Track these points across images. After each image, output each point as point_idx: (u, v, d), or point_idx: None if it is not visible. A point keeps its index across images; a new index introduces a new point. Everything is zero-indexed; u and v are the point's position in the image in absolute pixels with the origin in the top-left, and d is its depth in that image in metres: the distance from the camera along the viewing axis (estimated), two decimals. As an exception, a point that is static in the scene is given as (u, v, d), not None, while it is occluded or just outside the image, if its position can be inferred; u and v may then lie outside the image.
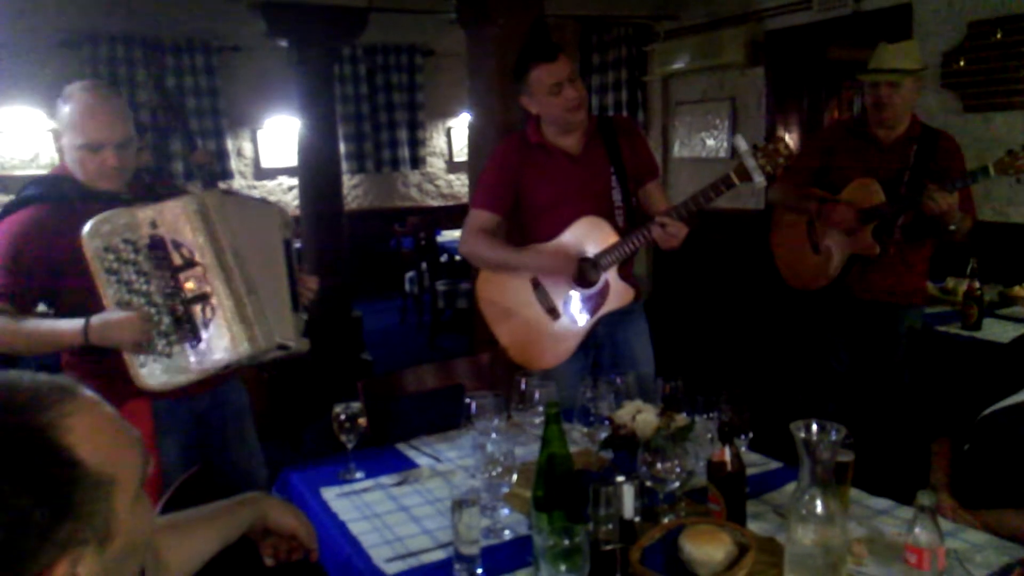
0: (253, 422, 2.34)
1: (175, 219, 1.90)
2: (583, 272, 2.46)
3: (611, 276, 2.45)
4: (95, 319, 1.86)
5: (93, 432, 0.83)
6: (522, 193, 2.51)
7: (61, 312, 2.00)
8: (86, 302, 1.90)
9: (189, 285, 1.90)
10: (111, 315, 1.87)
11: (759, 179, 2.28)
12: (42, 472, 0.78)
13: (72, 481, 0.80)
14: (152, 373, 1.91)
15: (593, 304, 2.46)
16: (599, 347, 2.57)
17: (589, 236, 2.44)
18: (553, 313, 2.48)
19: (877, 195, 2.82)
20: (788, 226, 3.15)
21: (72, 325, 1.88)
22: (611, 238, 2.42)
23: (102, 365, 1.94)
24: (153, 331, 1.89)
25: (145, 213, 1.90)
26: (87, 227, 1.86)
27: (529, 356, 2.52)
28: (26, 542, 0.75)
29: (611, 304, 2.46)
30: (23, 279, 1.93)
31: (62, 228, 1.91)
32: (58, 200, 1.98)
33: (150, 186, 2.14)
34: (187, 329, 1.91)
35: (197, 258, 1.90)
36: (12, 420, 0.79)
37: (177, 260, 1.90)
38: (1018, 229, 4.27)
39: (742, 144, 2.30)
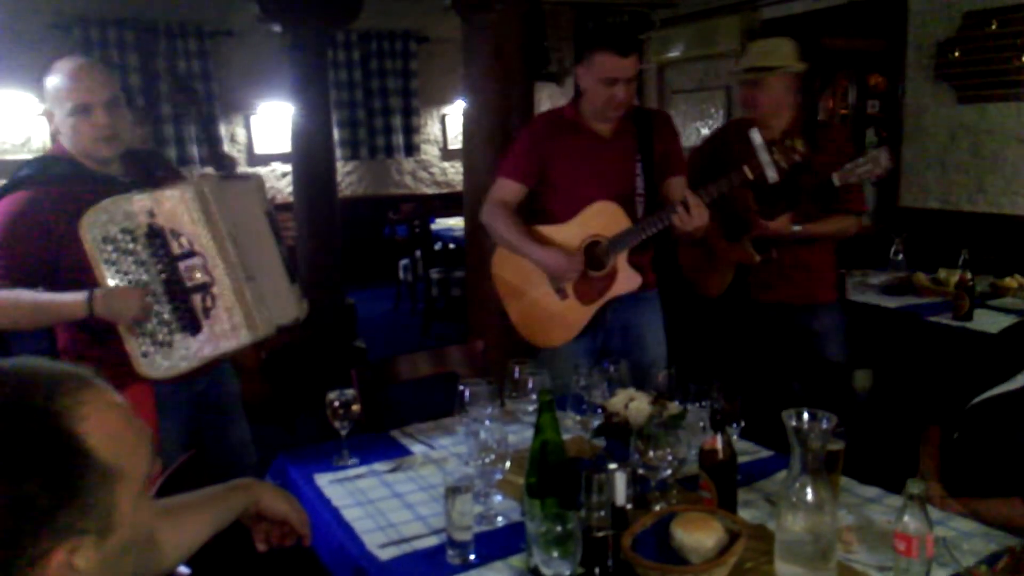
0: (242, 406, 2.38)
1: (173, 208, 1.89)
2: (594, 255, 2.48)
3: (620, 261, 2.46)
4: (99, 291, 1.86)
5: (106, 423, 0.83)
6: (546, 168, 2.53)
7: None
8: (83, 284, 1.89)
9: (189, 275, 1.90)
10: (115, 288, 1.88)
11: (772, 174, 2.27)
12: (52, 457, 0.78)
13: (79, 469, 0.80)
14: (154, 363, 1.93)
15: (600, 288, 2.48)
16: (609, 332, 2.60)
17: (601, 220, 2.46)
18: (561, 293, 2.52)
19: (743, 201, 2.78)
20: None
21: (74, 297, 1.86)
22: (623, 223, 2.43)
23: (101, 349, 1.95)
24: (152, 313, 1.90)
25: (143, 202, 1.89)
26: (85, 217, 1.85)
27: (536, 334, 2.59)
28: (27, 525, 0.76)
29: (616, 290, 2.48)
30: (20, 260, 1.91)
31: (58, 210, 1.90)
32: (54, 181, 1.96)
33: (147, 168, 2.15)
34: (187, 318, 1.92)
35: (196, 247, 1.90)
36: (28, 404, 0.79)
37: (176, 249, 1.90)
38: (1010, 220, 4.29)
39: (756, 139, 2.29)
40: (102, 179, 2.00)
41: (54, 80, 1.94)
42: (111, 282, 1.89)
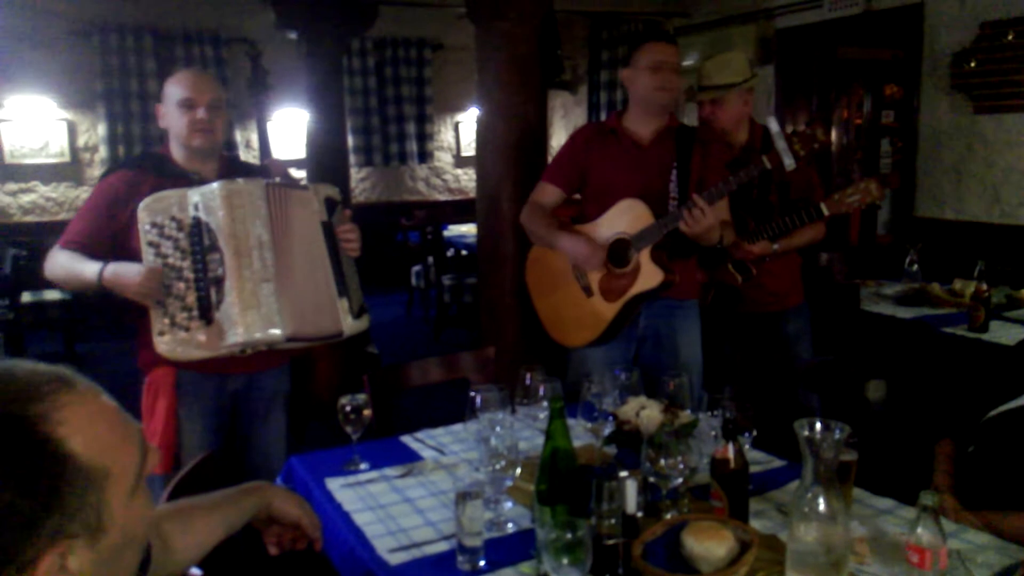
0: (285, 410, 2.39)
1: (211, 202, 2.03)
2: (618, 252, 2.52)
3: (643, 257, 2.49)
4: (112, 264, 2.02)
5: (88, 424, 0.82)
6: (586, 174, 2.64)
7: None
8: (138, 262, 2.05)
9: (212, 267, 2.03)
10: (125, 265, 2.02)
11: (789, 161, 2.31)
12: (30, 464, 0.77)
13: (61, 474, 0.78)
14: (166, 343, 2.04)
15: (624, 284, 2.51)
16: (642, 340, 2.62)
17: (627, 217, 2.51)
18: (588, 291, 2.56)
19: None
20: None
21: (93, 265, 2.04)
22: (648, 220, 2.47)
23: (144, 323, 2.10)
24: (163, 294, 2.02)
25: (194, 195, 2.05)
26: (144, 201, 2.04)
27: (564, 333, 2.67)
28: (11, 533, 0.75)
29: (639, 286, 2.50)
30: (95, 232, 2.13)
31: (134, 195, 2.10)
32: (143, 169, 2.21)
33: (230, 167, 2.29)
34: (204, 309, 2.03)
35: (219, 243, 2.02)
36: (3, 411, 0.78)
37: (207, 242, 2.03)
38: (1027, 231, 4.26)
39: (773, 126, 2.33)
40: (180, 175, 2.18)
41: (172, 79, 2.23)
42: (147, 261, 2.03)
